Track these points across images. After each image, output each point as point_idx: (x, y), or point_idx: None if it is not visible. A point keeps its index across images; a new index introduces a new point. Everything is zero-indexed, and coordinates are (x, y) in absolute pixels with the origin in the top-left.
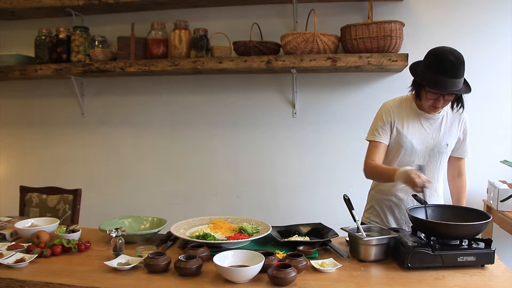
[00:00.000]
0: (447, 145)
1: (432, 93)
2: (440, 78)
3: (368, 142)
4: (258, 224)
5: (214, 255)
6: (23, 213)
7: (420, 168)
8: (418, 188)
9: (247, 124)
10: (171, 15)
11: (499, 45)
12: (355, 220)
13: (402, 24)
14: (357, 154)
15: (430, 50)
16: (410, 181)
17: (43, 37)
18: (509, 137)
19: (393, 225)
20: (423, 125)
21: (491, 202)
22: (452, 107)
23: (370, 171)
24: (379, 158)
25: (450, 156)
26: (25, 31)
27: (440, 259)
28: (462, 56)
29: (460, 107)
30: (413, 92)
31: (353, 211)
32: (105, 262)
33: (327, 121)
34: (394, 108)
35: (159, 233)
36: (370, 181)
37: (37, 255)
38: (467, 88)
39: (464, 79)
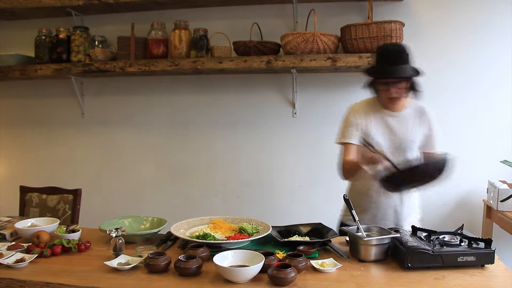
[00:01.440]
0: (413, 141)
1: (381, 83)
2: (383, 66)
3: (340, 147)
4: (258, 224)
5: (214, 255)
6: (23, 213)
7: (366, 144)
8: (380, 162)
9: (247, 124)
10: (171, 15)
11: (499, 44)
12: (355, 220)
13: (402, 24)
14: None
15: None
16: (369, 162)
17: (43, 37)
18: (509, 137)
19: (371, 222)
20: (389, 123)
21: (491, 202)
22: (406, 94)
23: (347, 170)
24: (353, 158)
25: (421, 152)
26: (25, 31)
27: (440, 259)
28: (403, 45)
29: (413, 93)
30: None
31: (353, 211)
32: (105, 262)
33: (327, 121)
34: (361, 109)
35: (159, 233)
36: None
37: (37, 255)
38: (414, 73)
39: (415, 68)
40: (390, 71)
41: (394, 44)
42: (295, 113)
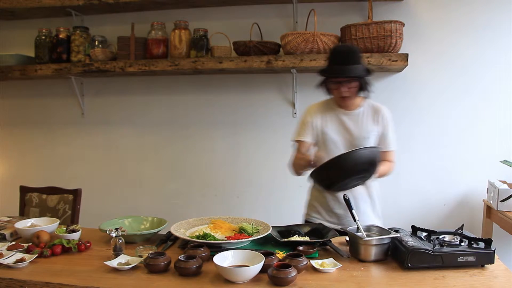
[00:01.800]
0: (366, 138)
1: (331, 82)
2: (333, 66)
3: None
4: (258, 224)
5: (214, 255)
6: (23, 213)
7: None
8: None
9: (247, 124)
10: (171, 15)
11: (499, 44)
12: (355, 220)
13: (402, 24)
14: None
15: None
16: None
17: (43, 37)
18: (509, 137)
19: (333, 219)
20: (343, 121)
21: (491, 202)
22: (357, 93)
23: (296, 166)
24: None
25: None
26: (25, 31)
27: (440, 259)
28: (354, 47)
29: (364, 92)
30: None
31: (353, 211)
32: (105, 262)
33: None
34: (317, 109)
35: (159, 233)
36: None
37: (37, 255)
38: (365, 73)
39: (367, 68)
40: (341, 71)
41: (345, 45)
42: (295, 113)
